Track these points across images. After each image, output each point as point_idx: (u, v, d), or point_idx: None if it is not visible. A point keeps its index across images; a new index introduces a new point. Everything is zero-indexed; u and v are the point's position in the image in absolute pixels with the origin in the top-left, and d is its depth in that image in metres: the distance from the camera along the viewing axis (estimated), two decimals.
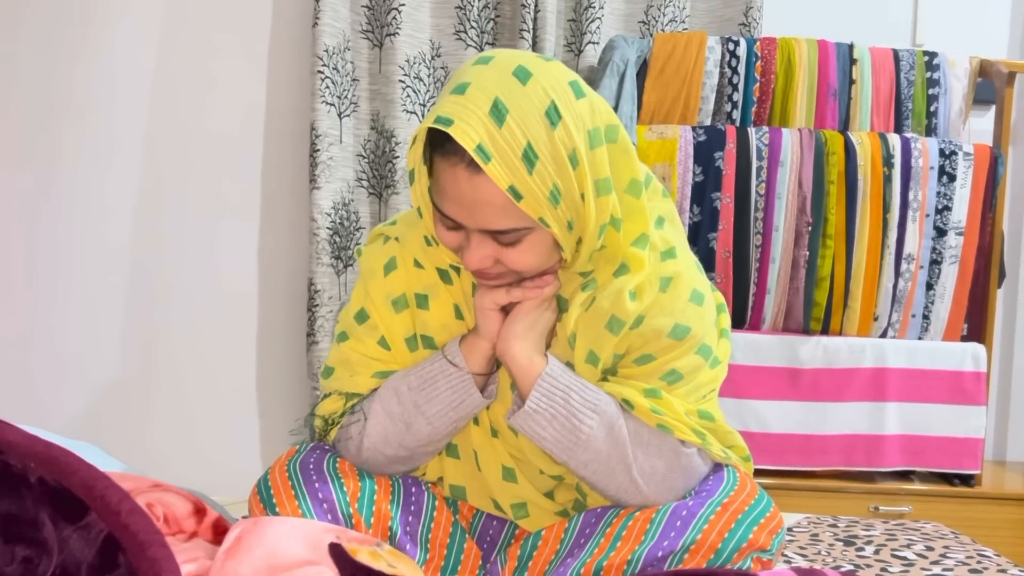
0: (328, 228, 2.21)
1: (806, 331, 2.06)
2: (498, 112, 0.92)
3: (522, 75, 0.94)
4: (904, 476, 2.14)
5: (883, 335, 2.07)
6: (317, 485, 1.04)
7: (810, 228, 2.01)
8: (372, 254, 1.13)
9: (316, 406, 1.17)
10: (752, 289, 2.03)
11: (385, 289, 1.10)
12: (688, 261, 1.09)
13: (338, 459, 1.09)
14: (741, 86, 2.10)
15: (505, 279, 1.02)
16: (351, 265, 2.28)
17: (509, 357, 1.04)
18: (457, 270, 1.09)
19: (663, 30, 2.27)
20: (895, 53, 2.12)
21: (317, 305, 2.22)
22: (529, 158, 0.92)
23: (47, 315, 2.29)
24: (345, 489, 1.05)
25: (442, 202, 0.98)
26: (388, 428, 1.07)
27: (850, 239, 2.02)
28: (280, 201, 2.31)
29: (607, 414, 1.03)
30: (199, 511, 0.97)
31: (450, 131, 0.91)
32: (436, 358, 1.07)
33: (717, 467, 1.10)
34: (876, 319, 2.05)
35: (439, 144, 0.95)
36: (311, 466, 1.06)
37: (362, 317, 1.12)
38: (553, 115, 0.94)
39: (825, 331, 2.07)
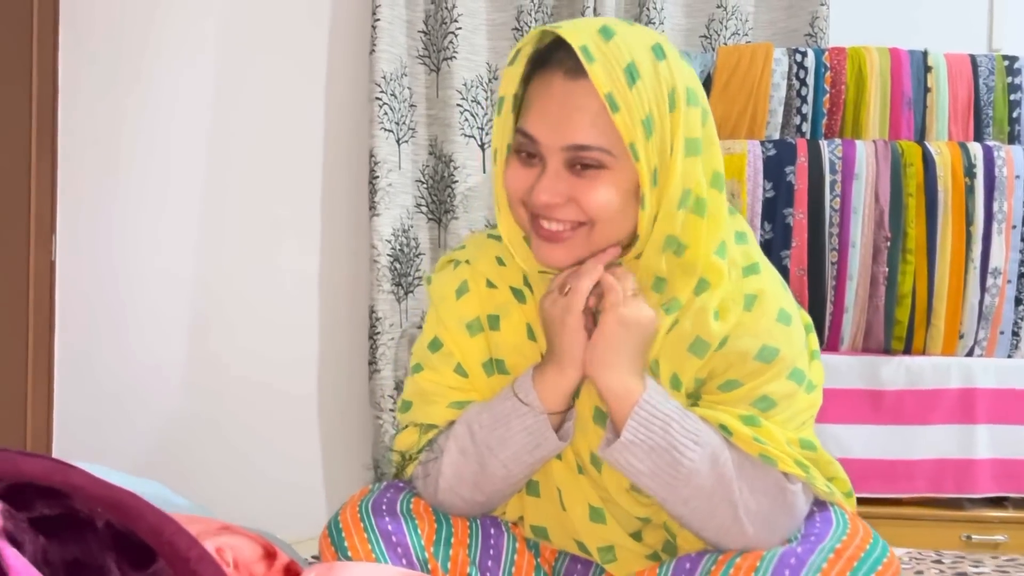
0: (388, 255, 2.19)
1: (887, 351, 1.97)
2: (606, 32, 0.94)
3: (629, 22, 0.99)
4: (996, 503, 2.02)
5: (969, 354, 1.96)
6: (391, 527, 0.98)
7: (889, 243, 1.92)
8: (442, 280, 1.09)
9: (394, 439, 1.13)
10: (829, 308, 1.95)
11: (458, 313, 1.05)
12: (773, 278, 1.02)
13: (413, 498, 1.03)
14: (810, 98, 2.03)
15: (568, 234, 0.96)
16: (411, 292, 2.25)
17: (601, 384, 0.96)
18: (531, 287, 1.04)
19: (726, 44, 2.21)
20: (972, 59, 2.03)
21: (379, 333, 2.19)
22: (631, 73, 0.92)
23: (109, 344, 2.30)
24: (420, 531, 0.99)
25: (527, 121, 0.96)
26: (462, 467, 1.01)
27: (931, 254, 1.92)
28: (339, 228, 2.30)
29: (710, 445, 0.94)
30: (269, 555, 0.93)
31: (559, 31, 0.94)
32: (508, 395, 1.00)
33: (820, 504, 1.03)
34: (962, 337, 1.95)
35: (539, 63, 0.96)
36: (384, 506, 1.01)
37: (436, 345, 1.07)
38: (658, 51, 0.95)
39: (908, 351, 1.97)
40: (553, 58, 0.95)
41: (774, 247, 1.94)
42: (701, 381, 0.99)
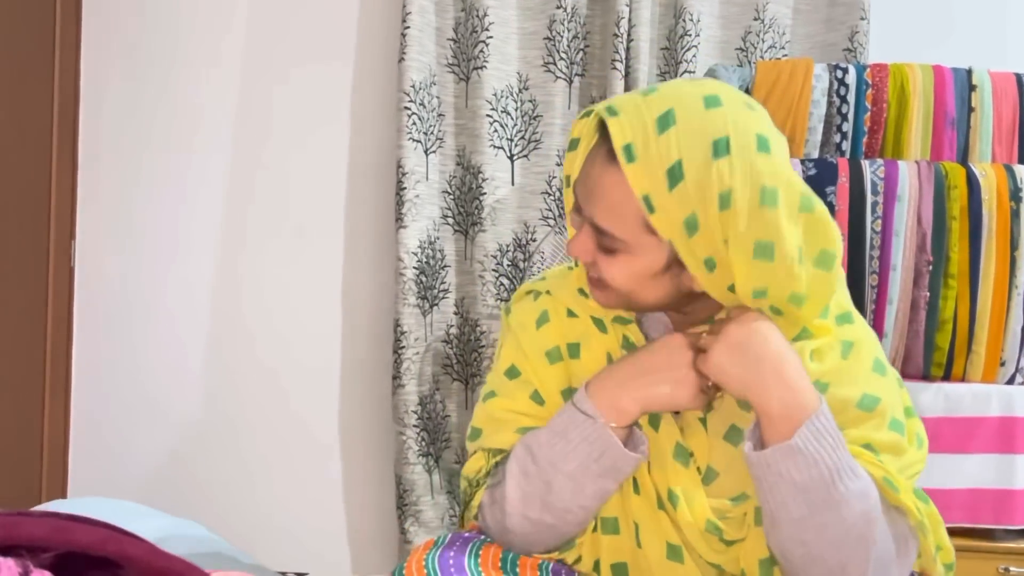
0: (414, 267, 2.14)
1: (926, 377, 1.92)
2: (664, 121, 0.90)
3: (711, 101, 0.91)
4: None
5: (1010, 381, 1.92)
6: None
7: (931, 267, 1.87)
8: (522, 309, 1.08)
9: (463, 467, 1.10)
10: None
11: (538, 342, 1.05)
12: (866, 328, 1.00)
13: (480, 552, 0.99)
14: (851, 116, 1.98)
15: (606, 292, 0.98)
16: (437, 305, 2.21)
17: (769, 396, 0.90)
18: (611, 319, 1.04)
19: (762, 57, 2.16)
20: (1018, 77, 1.98)
21: (403, 347, 2.14)
22: (674, 175, 0.89)
23: (127, 352, 2.26)
24: None
25: (574, 173, 0.99)
26: (526, 488, 0.98)
27: (974, 279, 1.88)
28: (364, 239, 2.26)
29: (866, 480, 0.91)
30: None
31: (609, 120, 0.91)
32: (566, 408, 0.98)
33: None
34: (1003, 364, 1.90)
35: (601, 126, 0.96)
36: (451, 562, 0.96)
37: (513, 373, 1.06)
38: (721, 147, 0.89)
39: (947, 377, 1.92)
40: (607, 131, 0.93)
41: None
42: None
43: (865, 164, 1.91)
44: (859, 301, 1.89)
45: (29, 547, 0.64)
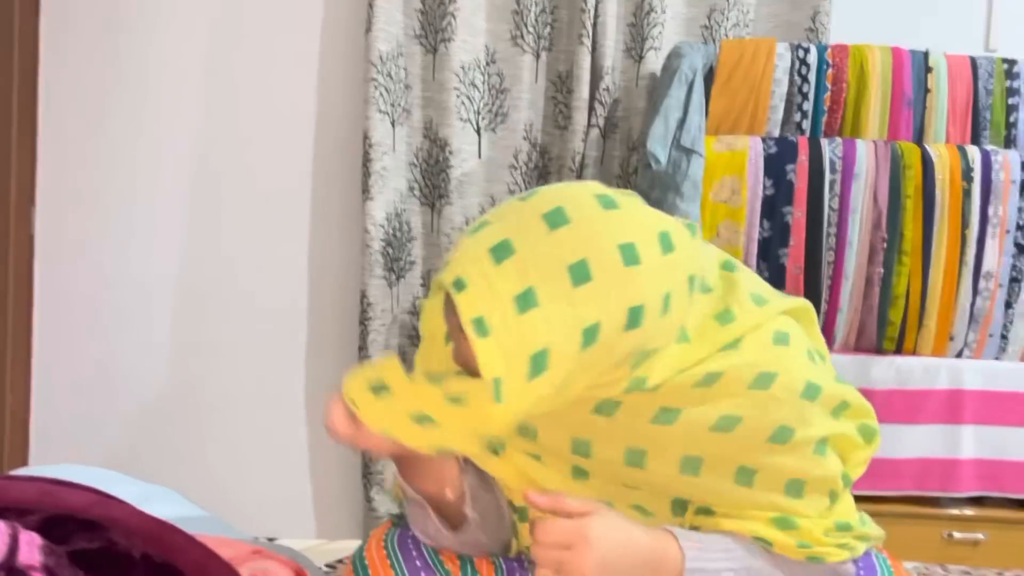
0: (381, 240, 2.15)
1: (879, 350, 1.99)
2: (525, 301, 0.75)
3: (580, 276, 0.76)
4: (977, 502, 2.06)
5: (959, 355, 1.99)
6: (423, 574, 0.95)
7: (885, 244, 1.93)
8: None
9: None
10: (824, 307, 1.96)
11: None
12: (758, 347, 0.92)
13: None
14: (812, 95, 2.02)
15: None
16: (403, 277, 2.22)
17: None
18: None
19: (726, 35, 2.19)
20: (972, 61, 2.03)
21: (369, 318, 2.16)
22: (538, 364, 0.76)
23: (90, 324, 2.24)
24: (449, 571, 0.96)
25: None
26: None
27: (926, 256, 1.94)
28: (331, 211, 2.25)
29: (763, 571, 0.91)
30: None
31: (457, 297, 0.77)
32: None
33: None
34: (952, 339, 1.97)
35: None
36: (410, 544, 0.98)
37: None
38: (590, 335, 0.77)
39: (899, 351, 1.99)
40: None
41: (772, 245, 1.94)
42: None
43: (824, 143, 1.95)
44: (815, 277, 1.94)
45: (16, 510, 0.66)
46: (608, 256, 0.76)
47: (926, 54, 2.03)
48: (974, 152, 1.94)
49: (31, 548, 0.65)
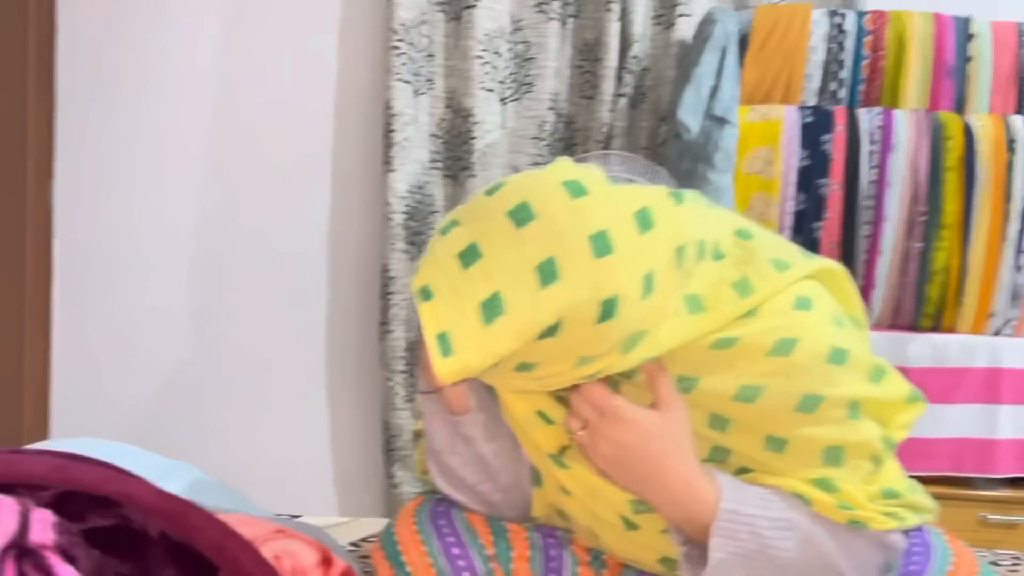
0: (403, 212, 2.11)
1: (915, 328, 1.93)
2: (491, 309, 0.73)
3: (547, 274, 0.74)
4: (1014, 483, 2.00)
5: (997, 333, 1.93)
6: (456, 551, 0.91)
7: (924, 218, 1.87)
8: None
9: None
10: (859, 283, 1.90)
11: None
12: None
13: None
14: (849, 63, 1.95)
15: None
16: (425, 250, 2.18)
17: (659, 508, 0.84)
18: None
19: (761, 1, 2.12)
20: (1019, 27, 1.95)
21: (391, 292, 2.12)
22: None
23: (109, 294, 2.22)
24: (486, 551, 0.92)
25: None
26: (430, 462, 0.96)
27: (966, 230, 1.87)
28: (352, 183, 2.21)
29: (801, 527, 0.85)
30: (326, 560, 0.88)
31: (422, 308, 0.75)
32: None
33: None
34: (991, 316, 1.91)
35: None
36: (442, 520, 0.94)
37: None
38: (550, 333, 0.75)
39: (936, 328, 1.93)
40: None
41: (806, 218, 1.88)
42: None
43: (862, 113, 1.89)
44: (851, 251, 1.88)
45: (28, 485, 0.62)
46: (576, 250, 0.74)
47: (969, 20, 1.95)
48: (1018, 122, 1.87)
49: (44, 526, 0.62)
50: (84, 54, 2.17)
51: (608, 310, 0.74)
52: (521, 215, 0.75)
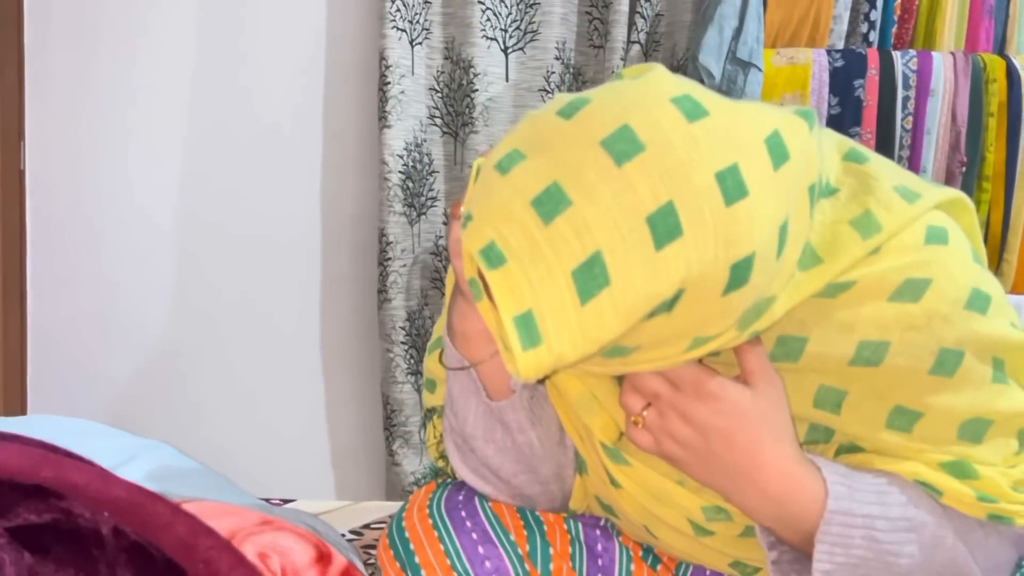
0: (400, 172, 1.96)
1: None
2: (588, 277, 0.55)
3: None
4: None
5: None
6: (481, 549, 0.76)
7: (964, 168, 1.73)
8: None
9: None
10: None
11: None
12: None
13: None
14: (880, 2, 1.81)
15: None
16: (424, 214, 2.04)
17: (750, 512, 0.68)
18: None
19: None
20: None
21: (389, 259, 1.98)
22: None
23: (91, 265, 2.09)
24: (519, 549, 0.77)
25: None
26: (464, 463, 0.81)
27: (1010, 181, 1.75)
28: (345, 141, 2.07)
29: (927, 526, 0.68)
30: (323, 557, 0.74)
31: (492, 277, 0.56)
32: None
33: None
34: None
35: None
36: (462, 512, 0.78)
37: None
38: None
39: None
40: None
41: None
42: None
43: (896, 56, 1.75)
44: None
45: None
46: (702, 193, 0.55)
47: None
48: None
49: None
50: (55, 8, 2.02)
51: (741, 274, 0.57)
52: (622, 145, 0.55)
